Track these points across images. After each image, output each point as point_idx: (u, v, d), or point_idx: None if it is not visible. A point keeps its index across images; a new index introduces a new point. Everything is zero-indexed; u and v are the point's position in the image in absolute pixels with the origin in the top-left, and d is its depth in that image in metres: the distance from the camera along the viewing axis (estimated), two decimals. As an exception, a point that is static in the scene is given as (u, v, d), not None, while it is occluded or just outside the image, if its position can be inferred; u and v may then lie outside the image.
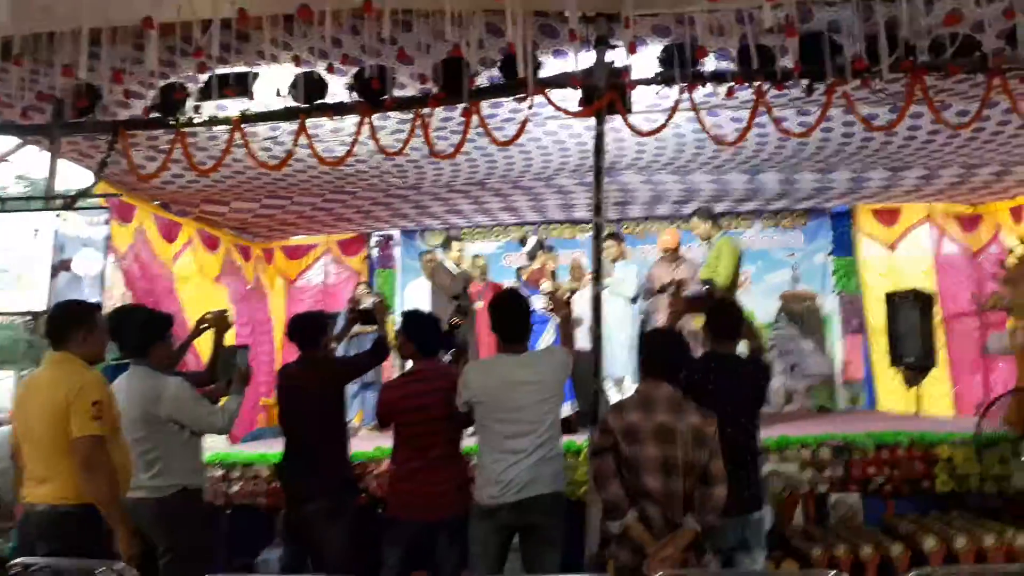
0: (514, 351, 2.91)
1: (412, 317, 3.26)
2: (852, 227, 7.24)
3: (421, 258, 6.94)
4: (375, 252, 8.03)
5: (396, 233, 7.98)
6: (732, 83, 3.63)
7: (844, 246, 7.26)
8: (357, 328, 3.98)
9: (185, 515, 3.03)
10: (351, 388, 4.65)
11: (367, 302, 4.41)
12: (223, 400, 3.19)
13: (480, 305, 5.51)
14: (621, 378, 5.66)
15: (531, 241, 6.03)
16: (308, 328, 3.44)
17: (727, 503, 2.65)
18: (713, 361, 3.10)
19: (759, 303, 7.07)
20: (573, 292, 5.70)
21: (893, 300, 6.13)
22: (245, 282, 7.04)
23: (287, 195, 5.65)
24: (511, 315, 2.94)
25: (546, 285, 5.49)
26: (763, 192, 6.47)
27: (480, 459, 2.93)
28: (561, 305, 3.36)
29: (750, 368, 3.16)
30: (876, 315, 6.71)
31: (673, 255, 5.89)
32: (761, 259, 7.44)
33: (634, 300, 5.97)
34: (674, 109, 3.69)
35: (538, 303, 4.40)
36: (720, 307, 3.24)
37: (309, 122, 3.92)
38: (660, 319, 5.47)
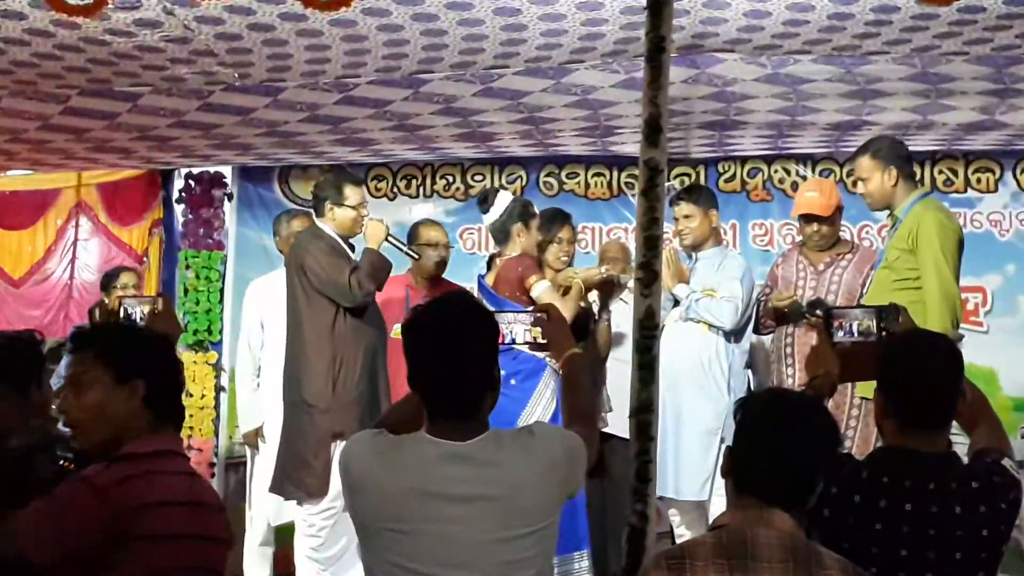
0: (452, 432, 2.85)
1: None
2: None
3: (278, 226, 6.85)
4: (181, 212, 8.10)
5: (226, 172, 8.08)
6: None
7: None
8: None
9: None
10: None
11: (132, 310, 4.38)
12: None
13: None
14: (701, 503, 5.63)
15: (501, 200, 5.70)
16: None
17: None
18: (893, 471, 3.08)
19: (1007, 356, 6.97)
20: (604, 305, 5.91)
21: None
22: None
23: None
24: (447, 352, 2.86)
25: (540, 287, 5.41)
26: (1021, 116, 5.87)
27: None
28: (560, 332, 3.49)
29: (976, 491, 3.07)
30: None
31: (824, 236, 5.64)
32: (1013, 259, 7.32)
33: (732, 335, 5.73)
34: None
35: (516, 328, 3.86)
36: (916, 358, 3.23)
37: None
38: (788, 375, 5.53)
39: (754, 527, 2.75)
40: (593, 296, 5.93)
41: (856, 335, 3.72)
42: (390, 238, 5.54)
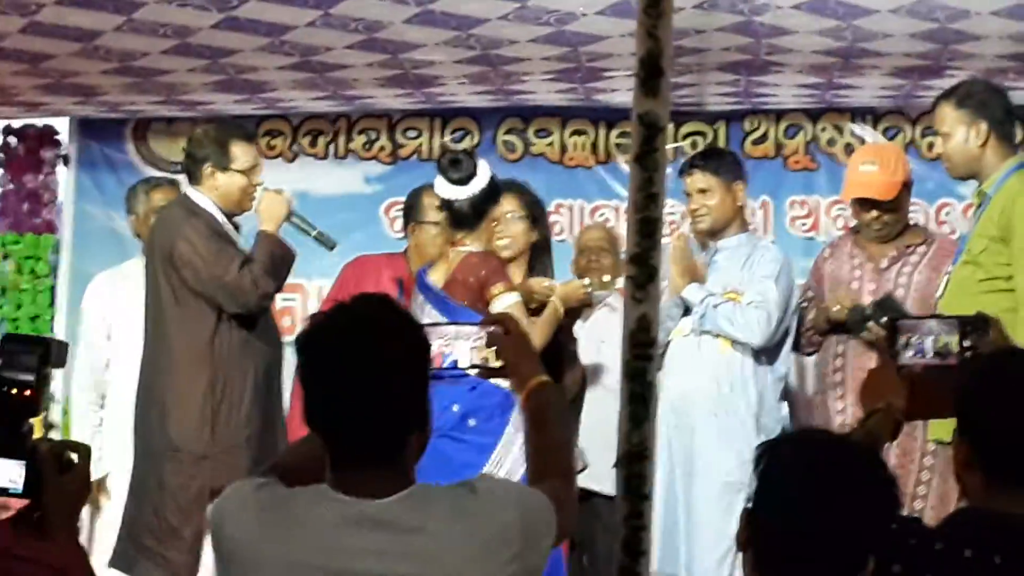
0: (362, 486, 2.87)
1: None
2: None
3: (134, 201, 6.80)
4: None
5: (60, 126, 8.23)
6: None
7: None
8: None
9: None
10: None
11: None
12: None
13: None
14: None
15: (483, 171, 5.84)
16: None
17: None
18: (978, 542, 3.04)
19: None
20: (576, 310, 5.89)
21: None
22: None
23: None
24: (354, 378, 2.89)
25: (506, 302, 5.53)
26: None
27: None
28: (522, 354, 3.53)
29: None
30: None
31: (887, 224, 5.77)
32: None
33: (763, 354, 5.85)
34: None
35: (460, 347, 3.84)
36: (1011, 389, 3.19)
37: None
38: (837, 411, 5.69)
39: None
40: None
41: (931, 355, 3.74)
42: (294, 218, 5.58)
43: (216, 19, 5.91)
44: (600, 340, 5.96)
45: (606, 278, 6.05)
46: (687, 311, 5.81)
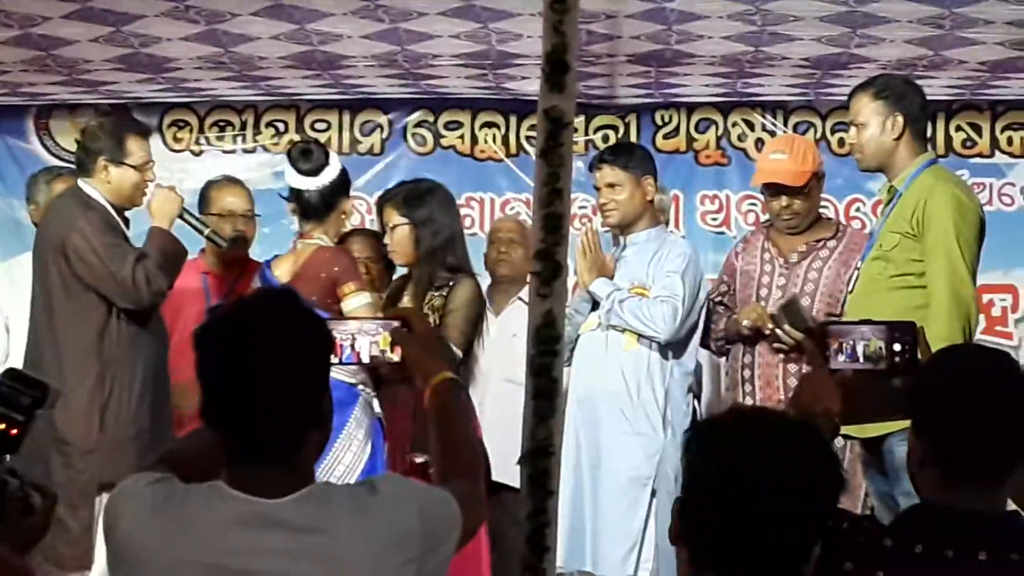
0: (259, 484, 2.86)
1: None
2: None
3: (34, 190, 6.87)
4: None
5: None
6: None
7: None
8: None
9: None
10: None
11: None
12: None
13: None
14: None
15: (334, 161, 5.89)
16: None
17: None
18: (929, 537, 3.06)
19: None
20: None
21: None
22: None
23: None
24: (251, 373, 2.89)
25: (357, 302, 5.54)
26: None
27: None
28: (427, 349, 3.54)
29: None
30: None
31: (796, 213, 5.80)
32: None
33: (670, 349, 5.88)
34: None
35: (361, 342, 3.81)
36: (965, 383, 3.21)
37: None
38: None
39: None
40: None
41: (862, 360, 3.78)
42: (185, 215, 5.56)
43: None
44: (512, 334, 5.91)
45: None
46: (595, 306, 5.82)
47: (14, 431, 3.21)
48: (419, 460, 5.09)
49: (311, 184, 5.72)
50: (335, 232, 5.79)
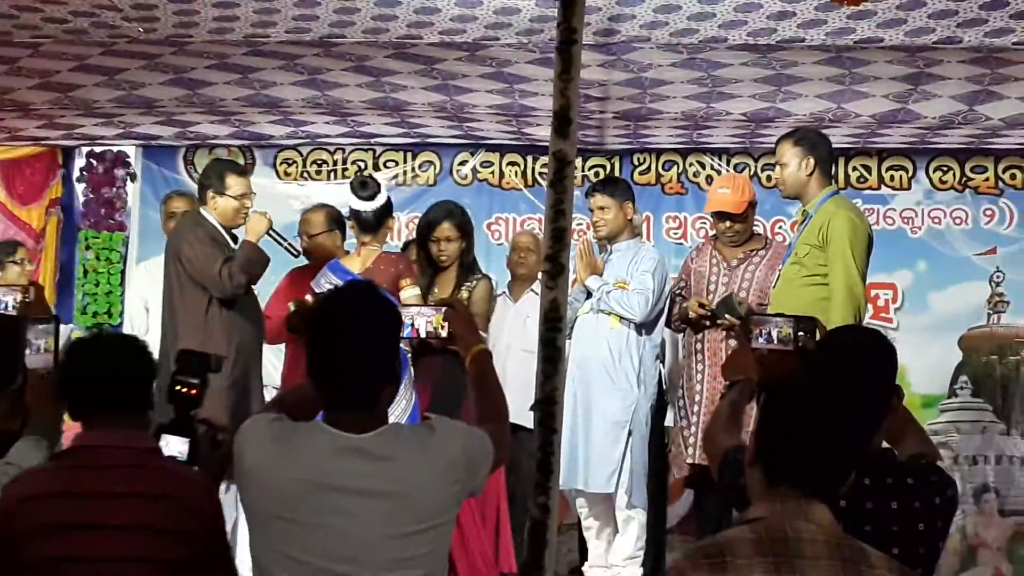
0: (349, 424, 2.85)
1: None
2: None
3: (165, 205, 6.90)
4: (82, 191, 7.98)
5: (130, 150, 7.97)
6: None
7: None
8: None
9: None
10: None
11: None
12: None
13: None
14: (608, 495, 5.67)
15: (383, 190, 5.76)
16: None
17: None
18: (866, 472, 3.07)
19: (916, 353, 6.98)
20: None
21: None
22: None
23: None
24: (346, 344, 2.87)
25: (410, 294, 5.40)
26: (932, 106, 5.95)
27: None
28: (467, 327, 3.44)
29: (912, 487, 3.11)
30: None
31: (736, 232, 5.68)
32: (924, 257, 7.45)
33: (643, 328, 5.78)
34: None
35: (419, 321, 3.76)
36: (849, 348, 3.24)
37: None
38: (697, 371, 5.58)
39: (793, 521, 2.59)
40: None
41: (776, 342, 3.80)
42: (271, 232, 5.50)
43: (244, 50, 5.78)
44: (526, 316, 5.83)
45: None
46: (589, 296, 5.74)
47: (194, 392, 3.33)
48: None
49: (368, 207, 5.65)
50: (383, 241, 5.71)
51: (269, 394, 5.65)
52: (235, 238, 5.57)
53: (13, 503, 3.04)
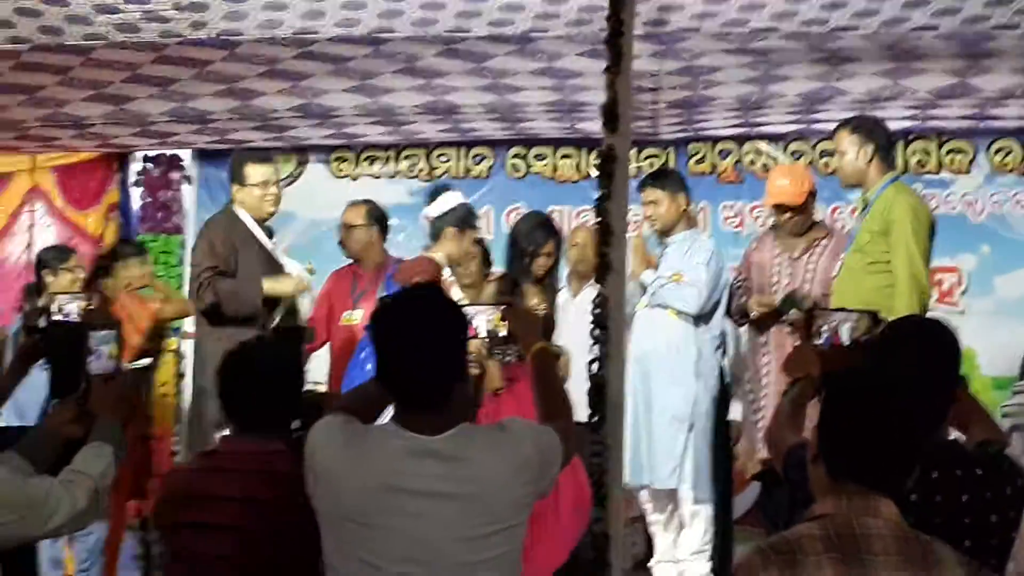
0: (421, 425, 2.86)
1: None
2: None
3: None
4: (139, 195, 8.12)
5: (185, 155, 8.07)
6: None
7: None
8: None
9: None
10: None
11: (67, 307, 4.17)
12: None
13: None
14: (672, 491, 5.69)
15: (447, 198, 5.61)
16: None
17: None
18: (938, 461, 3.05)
19: (984, 335, 6.94)
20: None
21: None
22: None
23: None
24: (416, 344, 2.86)
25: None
26: (991, 80, 5.86)
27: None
28: (528, 326, 3.46)
29: (981, 478, 3.08)
30: None
31: (796, 223, 5.63)
32: (987, 241, 7.39)
33: (700, 319, 5.73)
34: None
35: (479, 321, 3.77)
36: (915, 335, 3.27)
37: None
38: (763, 364, 5.62)
39: (860, 517, 2.59)
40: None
41: (838, 337, 3.78)
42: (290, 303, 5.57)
43: (295, 52, 5.77)
44: (585, 310, 5.87)
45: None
46: (645, 290, 5.73)
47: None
48: None
49: (428, 212, 5.62)
50: (447, 251, 5.58)
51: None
52: (270, 233, 5.60)
53: (165, 495, 3.49)
